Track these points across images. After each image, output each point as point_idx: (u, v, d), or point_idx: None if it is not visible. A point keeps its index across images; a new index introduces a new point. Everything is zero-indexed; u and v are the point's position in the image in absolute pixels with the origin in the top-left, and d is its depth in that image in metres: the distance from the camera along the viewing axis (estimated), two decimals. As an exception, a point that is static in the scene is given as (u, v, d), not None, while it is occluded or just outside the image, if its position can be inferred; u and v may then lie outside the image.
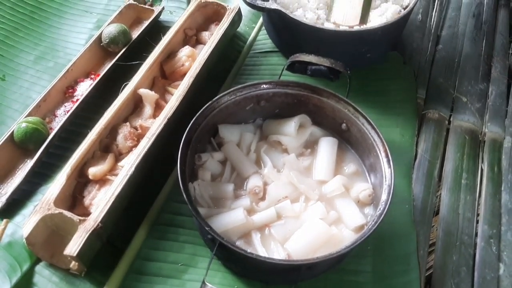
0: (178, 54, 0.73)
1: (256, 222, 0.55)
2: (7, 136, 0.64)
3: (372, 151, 0.58)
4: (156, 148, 0.62)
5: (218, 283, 0.55)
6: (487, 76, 0.79)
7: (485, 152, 0.71)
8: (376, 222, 0.50)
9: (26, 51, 0.79)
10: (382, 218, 0.50)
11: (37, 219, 0.53)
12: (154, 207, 0.61)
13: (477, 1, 0.89)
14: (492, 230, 0.63)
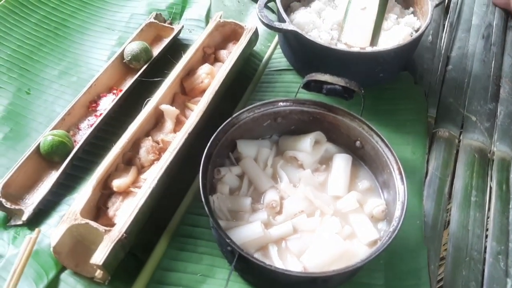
0: (197, 72, 0.76)
1: (273, 236, 0.57)
2: (34, 149, 0.67)
3: (385, 168, 0.60)
4: (177, 161, 0.64)
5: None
6: (495, 97, 0.82)
7: (494, 170, 0.72)
8: (390, 238, 0.52)
9: (51, 66, 0.82)
10: (395, 233, 0.52)
11: (64, 229, 0.56)
12: (174, 219, 0.63)
13: (486, 23, 0.92)
14: (500, 246, 0.64)
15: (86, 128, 0.72)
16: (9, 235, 0.61)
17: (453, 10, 0.95)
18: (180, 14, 0.92)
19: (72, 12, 0.90)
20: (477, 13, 0.94)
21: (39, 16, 0.88)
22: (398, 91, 0.79)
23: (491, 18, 0.93)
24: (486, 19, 0.93)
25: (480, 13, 0.94)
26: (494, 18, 0.93)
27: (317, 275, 0.52)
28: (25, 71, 0.80)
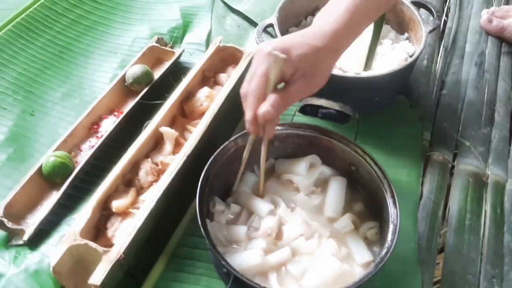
0: (197, 95, 0.77)
1: (272, 263, 0.57)
2: (36, 169, 0.68)
3: (379, 191, 0.61)
4: (176, 183, 0.65)
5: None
6: (490, 121, 0.82)
7: (488, 194, 0.73)
8: (383, 260, 0.53)
9: (54, 88, 0.83)
10: (388, 256, 0.53)
11: (64, 249, 0.56)
12: (172, 241, 0.64)
13: (479, 51, 0.93)
14: (495, 270, 0.64)
15: (88, 149, 0.73)
16: (10, 255, 0.62)
17: (447, 35, 0.96)
18: (181, 38, 0.94)
19: (77, 36, 0.92)
20: (470, 41, 0.95)
21: (44, 40, 0.89)
22: (394, 115, 0.80)
23: (484, 46, 0.94)
24: (479, 47, 0.94)
25: (473, 41, 0.95)
26: (487, 46, 0.95)
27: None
28: (29, 93, 0.82)
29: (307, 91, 0.58)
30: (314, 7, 0.90)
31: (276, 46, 0.54)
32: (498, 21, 0.96)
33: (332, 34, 0.57)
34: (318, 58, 0.56)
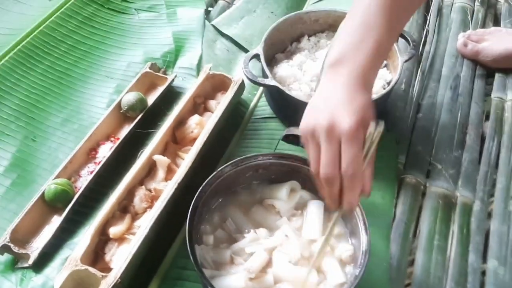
0: (188, 122, 0.82)
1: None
2: (39, 196, 0.73)
3: (353, 217, 0.67)
4: (168, 208, 0.71)
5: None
6: (461, 144, 0.88)
7: (456, 215, 0.79)
8: (353, 284, 0.59)
9: (55, 114, 0.88)
10: (358, 280, 0.59)
11: (66, 274, 0.62)
12: (165, 262, 0.70)
13: (454, 74, 0.98)
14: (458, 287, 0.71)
15: (86, 174, 0.79)
16: (16, 277, 0.68)
17: (425, 59, 1.02)
18: (174, 63, 0.99)
19: (75, 62, 0.96)
20: (447, 64, 1.01)
21: (44, 66, 0.94)
22: (372, 138, 0.86)
23: (459, 70, 1.00)
24: (454, 70, 0.99)
25: (449, 64, 1.01)
26: (462, 69, 1.00)
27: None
28: (31, 119, 0.87)
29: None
30: (298, 33, 0.95)
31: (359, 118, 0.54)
32: (473, 45, 1.01)
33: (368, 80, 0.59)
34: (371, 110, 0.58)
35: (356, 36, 0.58)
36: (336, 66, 0.58)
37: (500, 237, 0.76)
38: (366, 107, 0.56)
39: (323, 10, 0.93)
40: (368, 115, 0.56)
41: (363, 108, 0.55)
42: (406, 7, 0.62)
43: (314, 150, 0.56)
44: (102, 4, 1.07)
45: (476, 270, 0.73)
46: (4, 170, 0.80)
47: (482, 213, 0.79)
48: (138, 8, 1.09)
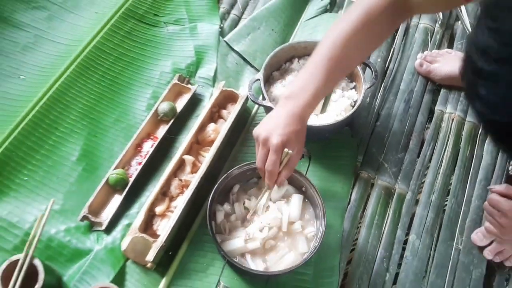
0: (207, 128, 1.13)
1: (248, 247, 0.97)
2: (104, 181, 1.06)
3: (317, 207, 1.00)
4: (194, 194, 1.04)
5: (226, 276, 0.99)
6: (405, 148, 1.19)
7: (393, 202, 1.12)
8: (312, 252, 0.93)
9: (108, 115, 1.18)
10: (316, 250, 0.92)
11: (129, 239, 0.96)
12: (192, 231, 1.04)
13: (409, 89, 1.28)
14: (386, 253, 1.05)
15: (136, 165, 1.11)
16: (93, 237, 1.02)
17: (388, 76, 1.31)
18: (195, 73, 1.27)
19: (120, 71, 1.25)
20: (405, 80, 1.30)
21: (98, 76, 1.23)
22: (339, 142, 1.17)
23: (414, 85, 1.29)
24: (410, 85, 1.29)
25: (407, 80, 1.30)
26: (416, 84, 1.29)
27: (271, 273, 0.93)
28: (92, 119, 1.17)
29: (299, 158, 0.91)
30: (291, 55, 1.23)
31: (281, 140, 0.84)
32: (427, 65, 1.30)
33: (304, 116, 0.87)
34: (301, 136, 0.89)
35: (303, 82, 0.88)
36: (286, 99, 0.89)
37: (421, 219, 1.10)
38: (292, 135, 0.85)
39: (310, 41, 1.21)
40: (292, 140, 0.85)
41: (289, 134, 0.84)
42: (342, 70, 0.92)
43: (256, 149, 0.89)
44: (139, 19, 1.35)
45: (400, 241, 1.07)
46: (76, 159, 1.12)
47: (412, 201, 1.13)
48: (167, 21, 1.36)
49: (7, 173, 1.07)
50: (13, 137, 1.10)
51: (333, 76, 0.89)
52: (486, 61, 0.44)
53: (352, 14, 0.87)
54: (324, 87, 0.88)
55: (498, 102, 0.45)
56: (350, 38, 0.85)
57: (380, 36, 0.93)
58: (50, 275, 0.92)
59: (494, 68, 0.44)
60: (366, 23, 0.85)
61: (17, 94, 1.19)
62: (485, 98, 0.45)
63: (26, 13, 1.34)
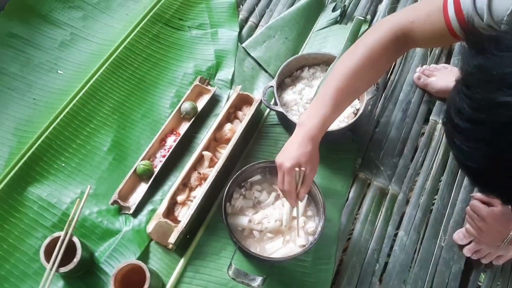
0: (224, 128, 1.26)
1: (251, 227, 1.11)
2: (132, 171, 1.19)
3: (318, 204, 1.13)
4: (211, 186, 1.17)
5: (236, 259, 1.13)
6: (400, 153, 1.32)
7: (386, 201, 1.26)
8: (312, 243, 1.06)
9: (136, 110, 1.30)
10: (315, 241, 1.05)
11: (154, 223, 1.10)
12: (208, 217, 1.18)
13: (407, 100, 1.40)
14: (377, 246, 1.19)
15: (160, 157, 1.24)
16: (122, 219, 1.16)
17: (389, 87, 1.43)
18: (214, 75, 1.39)
19: (147, 71, 1.37)
20: (404, 91, 1.42)
21: (128, 74, 1.35)
22: (341, 146, 1.30)
23: (412, 96, 1.41)
24: (408, 96, 1.41)
25: (406, 91, 1.42)
26: (414, 96, 1.42)
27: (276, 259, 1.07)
28: (122, 114, 1.30)
29: (313, 175, 1.00)
30: (302, 64, 1.35)
31: (292, 163, 0.94)
32: (424, 78, 1.42)
33: (313, 138, 0.96)
34: (314, 156, 0.97)
35: (313, 110, 0.99)
36: (299, 126, 1.00)
37: (410, 218, 1.24)
38: (302, 157, 0.95)
39: (320, 52, 1.33)
40: (302, 159, 0.95)
41: (299, 157, 0.95)
42: (348, 99, 1.02)
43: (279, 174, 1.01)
44: (165, 22, 1.47)
45: (390, 236, 1.21)
46: (107, 149, 1.25)
47: (403, 201, 1.26)
48: (190, 26, 1.48)
49: (47, 159, 1.21)
50: (52, 127, 1.24)
51: (340, 105, 1.00)
52: (461, 119, 0.56)
53: (359, 49, 0.98)
54: (332, 113, 0.99)
55: (468, 152, 0.56)
56: (356, 71, 0.97)
57: (383, 69, 1.05)
58: (85, 250, 1.06)
59: (466, 126, 0.55)
60: (371, 58, 0.96)
61: (56, 87, 1.32)
62: (459, 147, 0.57)
63: (63, 11, 1.47)
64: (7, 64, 1.36)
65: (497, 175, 0.57)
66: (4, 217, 1.12)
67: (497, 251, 1.17)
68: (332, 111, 0.98)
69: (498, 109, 0.52)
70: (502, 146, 0.53)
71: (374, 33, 0.96)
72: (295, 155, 0.96)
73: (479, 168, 0.57)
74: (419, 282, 1.16)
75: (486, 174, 0.58)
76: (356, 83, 0.99)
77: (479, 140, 0.55)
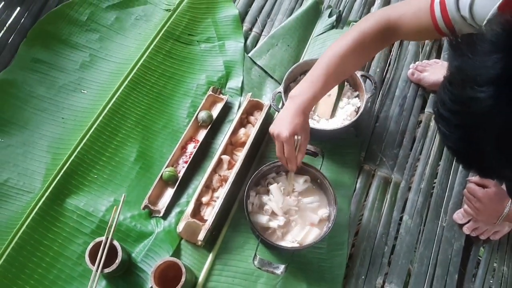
0: (238, 132, 1.36)
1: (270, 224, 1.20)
2: (159, 177, 1.30)
3: (329, 194, 1.23)
4: (231, 186, 1.27)
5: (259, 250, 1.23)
6: (400, 144, 1.42)
7: (390, 189, 1.36)
8: (326, 232, 1.17)
9: (156, 122, 1.40)
10: (330, 228, 1.16)
11: (183, 224, 1.21)
12: (230, 215, 1.28)
13: (403, 95, 1.50)
14: (385, 230, 1.30)
15: (182, 163, 1.34)
16: (153, 222, 1.26)
17: (385, 84, 1.53)
18: (225, 84, 1.49)
19: (164, 85, 1.47)
20: (400, 87, 1.52)
21: (146, 89, 1.45)
22: (346, 141, 1.40)
23: (407, 91, 1.51)
24: (404, 91, 1.51)
25: (401, 87, 1.52)
26: (409, 90, 1.52)
27: (296, 248, 1.17)
28: (144, 126, 1.40)
29: (307, 143, 1.14)
30: (304, 70, 1.45)
31: (289, 132, 1.06)
32: (418, 74, 1.52)
33: (305, 110, 1.08)
34: (305, 125, 1.11)
35: (305, 86, 1.11)
36: (291, 98, 1.11)
37: (412, 203, 1.34)
38: (297, 125, 1.08)
39: (321, 58, 1.43)
40: (298, 129, 1.08)
41: (296, 126, 1.07)
42: (336, 79, 1.13)
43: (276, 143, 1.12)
44: (176, 39, 1.56)
45: (396, 221, 1.31)
46: (134, 160, 1.35)
47: (405, 188, 1.36)
48: (199, 40, 1.58)
49: (81, 173, 1.31)
50: (83, 143, 1.34)
51: (329, 83, 1.11)
52: (444, 109, 0.66)
53: (350, 34, 1.06)
54: (322, 90, 1.09)
55: (449, 135, 0.67)
56: (346, 54, 1.07)
57: (370, 54, 1.18)
58: (124, 252, 1.16)
59: (447, 114, 0.66)
60: (360, 43, 1.06)
61: (82, 106, 1.43)
62: (443, 132, 0.68)
63: (80, 35, 1.57)
64: (34, 87, 1.46)
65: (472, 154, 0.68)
66: (48, 227, 1.23)
67: (494, 228, 1.27)
68: (322, 88, 1.10)
69: (470, 103, 0.62)
70: (472, 132, 0.64)
71: (366, 22, 1.07)
72: (291, 125, 1.07)
73: (457, 148, 0.68)
74: (425, 260, 1.27)
75: (463, 153, 0.69)
76: (345, 65, 1.09)
77: (456, 126, 0.65)
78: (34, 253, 1.19)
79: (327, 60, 1.09)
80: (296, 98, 1.10)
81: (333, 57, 1.09)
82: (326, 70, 1.09)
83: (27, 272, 1.17)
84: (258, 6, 1.70)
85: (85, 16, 1.59)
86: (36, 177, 1.30)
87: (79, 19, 1.58)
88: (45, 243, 1.21)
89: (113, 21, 1.60)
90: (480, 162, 0.68)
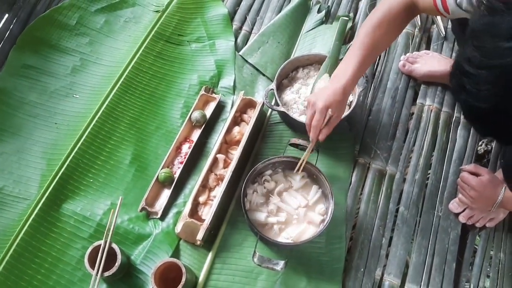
0: (233, 131, 1.36)
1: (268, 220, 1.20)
2: (155, 179, 1.29)
3: (325, 189, 1.24)
4: (228, 184, 1.27)
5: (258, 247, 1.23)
6: (393, 136, 1.43)
7: (385, 181, 1.36)
8: (324, 226, 1.17)
9: (150, 123, 1.39)
10: (327, 223, 1.16)
11: (181, 224, 1.20)
12: (228, 213, 1.28)
13: (395, 87, 1.50)
14: (382, 222, 1.30)
15: (178, 164, 1.34)
16: (151, 223, 1.25)
17: (377, 77, 1.53)
18: (217, 83, 1.49)
19: (156, 86, 1.46)
20: (391, 79, 1.52)
21: (139, 92, 1.44)
22: (340, 136, 1.39)
23: (398, 83, 1.51)
24: (395, 83, 1.51)
25: (392, 79, 1.52)
26: (400, 82, 1.52)
27: (293, 244, 1.17)
28: (138, 128, 1.39)
29: (337, 121, 1.16)
30: (296, 66, 1.45)
31: (325, 104, 1.10)
32: (408, 65, 1.52)
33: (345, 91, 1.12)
34: (342, 105, 1.15)
35: (344, 67, 1.15)
36: (332, 79, 1.17)
37: (408, 194, 1.34)
38: (334, 103, 1.12)
39: (311, 54, 1.43)
40: (334, 105, 1.12)
41: (333, 101, 1.12)
42: (371, 56, 1.17)
43: (308, 111, 1.15)
44: (166, 40, 1.55)
45: (392, 212, 1.32)
46: (129, 162, 1.34)
47: (400, 179, 1.37)
48: (189, 40, 1.57)
49: (76, 177, 1.30)
50: (77, 148, 1.33)
51: (365, 62, 1.15)
52: (471, 66, 0.67)
53: (377, 12, 1.14)
54: (359, 70, 1.14)
55: (478, 94, 0.67)
56: (376, 32, 1.12)
57: (398, 29, 1.20)
58: (123, 255, 1.16)
59: (476, 71, 0.66)
60: (387, 19, 1.12)
61: (75, 111, 1.41)
62: (469, 91, 0.68)
63: (70, 39, 1.55)
64: (25, 93, 1.44)
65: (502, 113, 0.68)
66: (45, 233, 1.22)
67: (489, 215, 1.28)
68: (359, 68, 1.14)
69: (505, 54, 0.63)
70: (508, 85, 0.65)
71: (390, 1, 1.13)
72: (329, 99, 1.11)
73: (488, 107, 0.68)
74: (422, 250, 1.27)
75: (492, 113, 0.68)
76: (376, 42, 1.14)
77: (488, 82, 0.66)
78: (33, 260, 1.18)
79: (359, 40, 1.14)
80: (336, 79, 1.14)
81: (366, 37, 1.13)
82: (360, 51, 1.13)
83: (26, 279, 1.16)
84: (247, 4, 1.69)
85: (74, 20, 1.57)
86: (31, 183, 1.29)
87: (68, 24, 1.56)
88: (44, 249, 1.20)
89: (102, 24, 1.59)
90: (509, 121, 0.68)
